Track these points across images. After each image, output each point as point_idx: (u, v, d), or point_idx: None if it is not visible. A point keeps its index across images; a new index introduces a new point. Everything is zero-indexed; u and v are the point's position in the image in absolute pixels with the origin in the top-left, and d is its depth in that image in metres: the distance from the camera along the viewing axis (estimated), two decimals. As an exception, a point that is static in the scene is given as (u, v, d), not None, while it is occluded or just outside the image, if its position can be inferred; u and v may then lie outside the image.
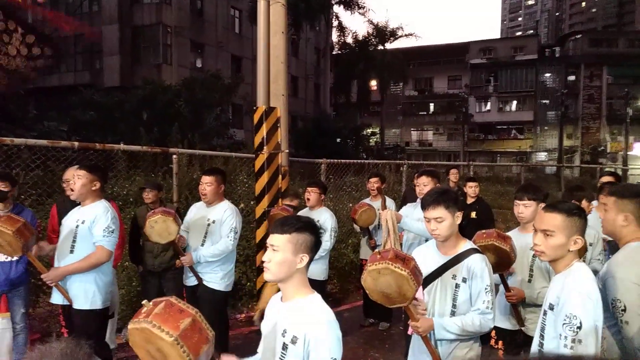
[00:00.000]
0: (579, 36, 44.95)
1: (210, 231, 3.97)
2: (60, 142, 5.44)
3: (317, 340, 1.73)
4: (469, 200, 5.89)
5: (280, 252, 1.81)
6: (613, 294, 2.13)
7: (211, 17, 26.02)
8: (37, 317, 4.76)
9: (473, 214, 5.67)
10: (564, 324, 1.90)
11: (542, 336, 2.08)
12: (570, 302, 1.90)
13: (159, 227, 3.58)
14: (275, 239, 1.83)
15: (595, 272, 2.28)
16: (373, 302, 2.26)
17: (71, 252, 3.27)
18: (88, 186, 3.30)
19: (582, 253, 2.96)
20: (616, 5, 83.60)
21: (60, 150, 5.33)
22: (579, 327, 1.86)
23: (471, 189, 5.95)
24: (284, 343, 1.80)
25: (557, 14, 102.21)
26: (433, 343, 2.43)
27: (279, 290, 1.95)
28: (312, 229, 1.87)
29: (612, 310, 2.12)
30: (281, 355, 1.81)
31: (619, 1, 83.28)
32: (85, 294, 3.26)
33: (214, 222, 3.97)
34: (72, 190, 3.31)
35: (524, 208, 3.04)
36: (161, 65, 23.20)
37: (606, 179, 4.54)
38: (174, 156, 5.95)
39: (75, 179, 3.30)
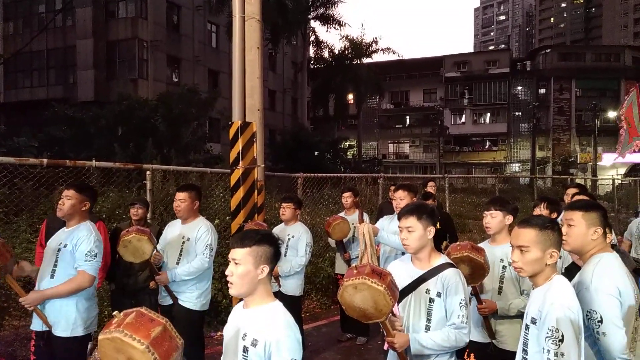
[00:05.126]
0: (548, 50, 46.39)
1: (185, 249, 3.89)
2: (29, 159, 5.30)
3: (277, 342, 1.81)
4: None
5: (241, 265, 1.89)
6: (588, 305, 2.14)
7: (188, 31, 25.93)
8: (3, 341, 4.56)
9: (437, 225, 5.70)
10: (546, 337, 1.91)
11: (524, 351, 2.08)
12: (552, 315, 1.91)
13: (132, 247, 3.51)
14: (236, 253, 1.91)
15: None
16: (350, 316, 2.26)
17: (51, 276, 3.10)
18: (78, 207, 3.17)
19: None
20: (583, 21, 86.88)
21: (29, 168, 5.18)
22: (561, 340, 1.88)
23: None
24: (245, 346, 1.87)
25: (527, 29, 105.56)
26: (409, 358, 2.42)
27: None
28: (271, 240, 1.97)
29: (587, 322, 2.12)
30: (242, 358, 1.87)
31: (586, 17, 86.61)
32: (66, 320, 3.08)
33: (188, 239, 3.89)
34: (60, 209, 3.16)
35: (491, 218, 3.10)
36: (137, 79, 22.93)
37: (572, 190, 4.58)
38: (148, 172, 5.85)
39: (64, 199, 3.16)
